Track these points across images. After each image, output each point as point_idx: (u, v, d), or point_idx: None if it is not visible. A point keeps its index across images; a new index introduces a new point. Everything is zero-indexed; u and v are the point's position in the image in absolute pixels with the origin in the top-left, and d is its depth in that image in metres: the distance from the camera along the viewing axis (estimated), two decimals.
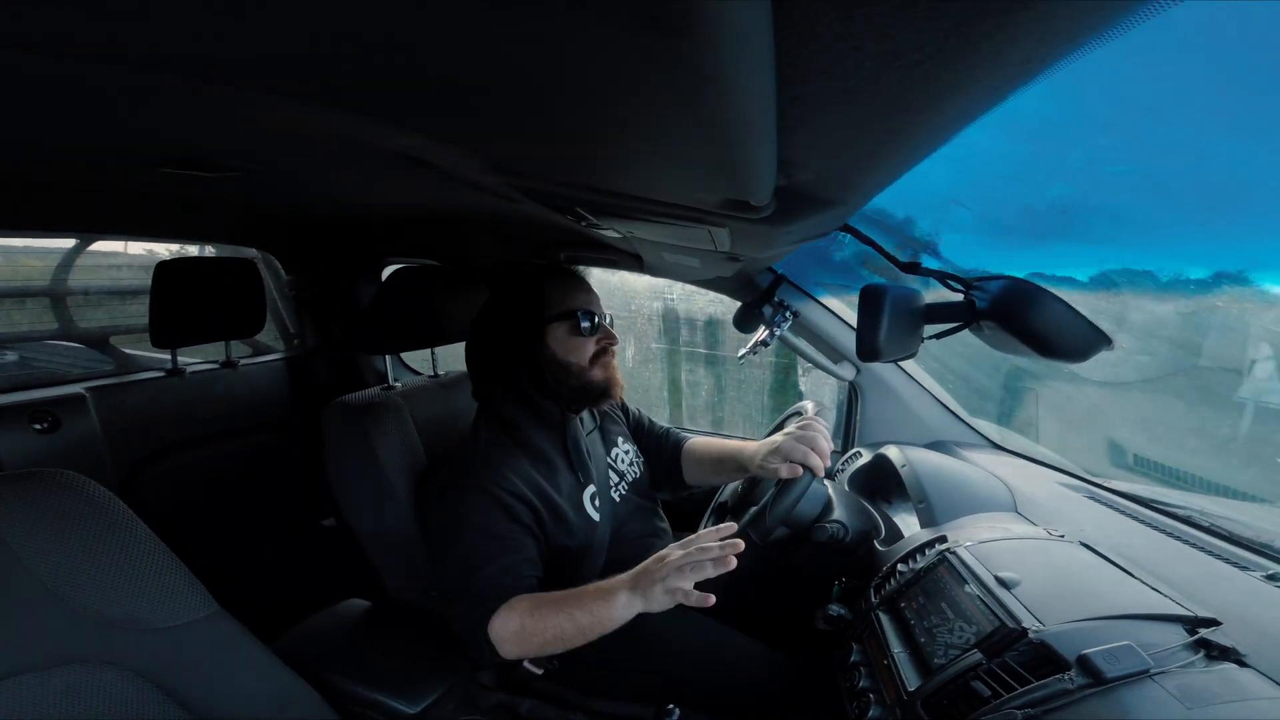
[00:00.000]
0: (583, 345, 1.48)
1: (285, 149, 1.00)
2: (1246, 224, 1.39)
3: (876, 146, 0.53)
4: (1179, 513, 1.33)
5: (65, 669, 0.90)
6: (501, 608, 1.28)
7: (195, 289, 2.08)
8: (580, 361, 1.48)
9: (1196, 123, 1.20)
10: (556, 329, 1.47)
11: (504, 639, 1.27)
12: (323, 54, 0.41)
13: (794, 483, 1.36)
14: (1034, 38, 0.34)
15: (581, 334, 1.47)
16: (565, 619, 1.24)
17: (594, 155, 0.64)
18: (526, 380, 1.46)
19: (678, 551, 1.18)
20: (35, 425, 1.80)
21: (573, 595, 1.28)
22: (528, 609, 1.27)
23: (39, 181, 1.31)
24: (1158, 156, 1.28)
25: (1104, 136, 1.28)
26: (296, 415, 2.64)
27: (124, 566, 0.97)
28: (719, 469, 1.72)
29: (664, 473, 1.80)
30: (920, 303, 1.18)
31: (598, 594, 1.25)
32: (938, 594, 1.11)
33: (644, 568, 1.23)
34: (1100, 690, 0.78)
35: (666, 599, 1.17)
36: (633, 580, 1.22)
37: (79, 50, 0.44)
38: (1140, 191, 1.36)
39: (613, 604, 1.22)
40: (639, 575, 1.22)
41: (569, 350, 1.48)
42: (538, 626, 1.26)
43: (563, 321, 1.47)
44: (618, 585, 1.24)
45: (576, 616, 1.24)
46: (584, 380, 1.49)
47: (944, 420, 1.92)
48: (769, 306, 1.82)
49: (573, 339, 1.47)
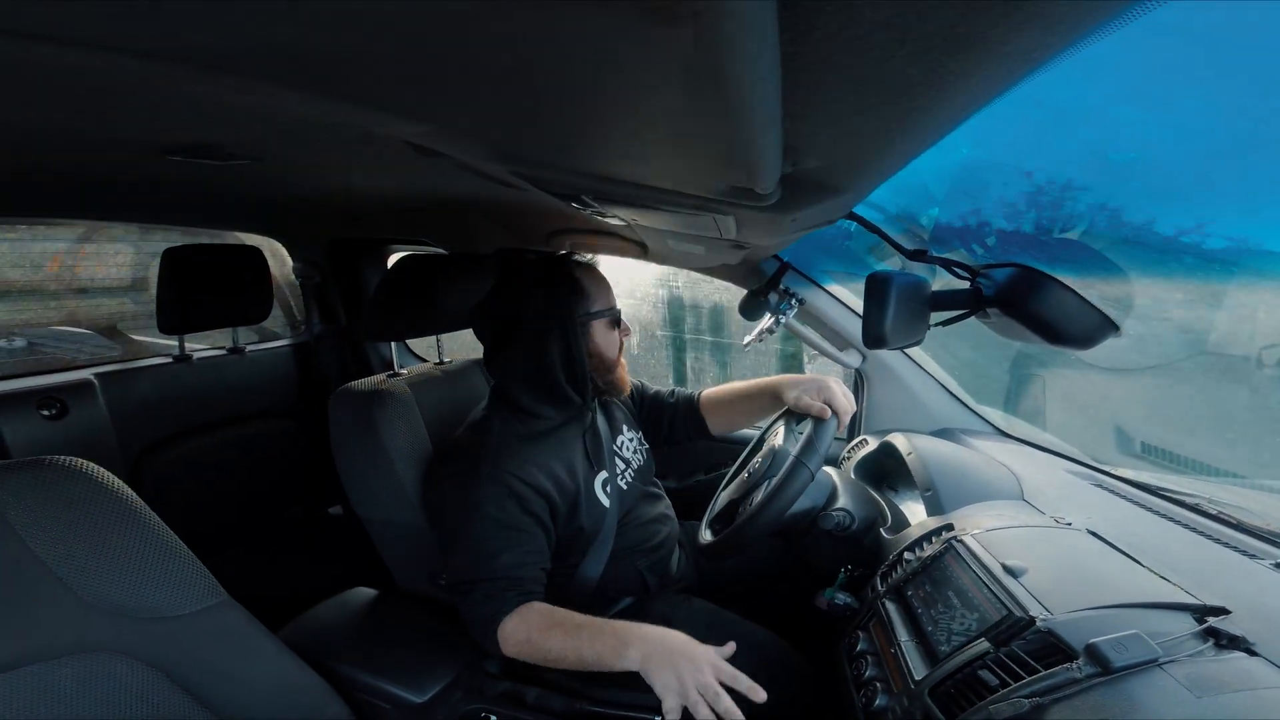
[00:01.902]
0: (615, 340, 1.54)
1: (292, 137, 0.99)
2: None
3: (882, 134, 0.52)
4: (1187, 501, 1.33)
5: (74, 658, 0.91)
6: (517, 610, 1.30)
7: (202, 275, 2.09)
8: (614, 356, 1.54)
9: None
10: (600, 323, 1.50)
11: (509, 640, 1.29)
12: (330, 43, 0.40)
13: (827, 423, 1.41)
14: (1041, 25, 0.33)
15: (616, 328, 1.54)
16: (572, 649, 1.24)
17: (599, 143, 0.64)
18: (560, 370, 1.46)
19: (710, 675, 1.12)
20: (43, 412, 1.80)
21: (588, 627, 1.26)
22: (540, 625, 1.28)
23: (47, 169, 1.31)
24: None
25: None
26: (303, 402, 2.64)
27: (133, 555, 0.97)
28: (750, 408, 1.76)
29: (684, 427, 1.82)
30: (927, 290, 1.17)
31: (613, 638, 1.22)
32: (944, 582, 1.11)
33: (668, 649, 1.17)
34: (1108, 679, 0.77)
35: (673, 699, 1.11)
36: (649, 654, 1.17)
37: (85, 40, 0.43)
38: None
39: (622, 658, 1.18)
40: (660, 654, 1.16)
41: (609, 345, 1.53)
42: (545, 644, 1.26)
43: (605, 316, 1.51)
44: (632, 641, 1.19)
45: (583, 651, 1.23)
46: (614, 375, 1.54)
47: (950, 407, 1.92)
48: (774, 294, 1.81)
49: (610, 334, 1.53)
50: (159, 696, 0.98)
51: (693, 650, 1.16)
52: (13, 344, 2.65)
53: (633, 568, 1.56)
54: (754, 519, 1.33)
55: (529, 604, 1.32)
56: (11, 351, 2.63)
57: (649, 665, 1.15)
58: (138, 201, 1.84)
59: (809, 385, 1.51)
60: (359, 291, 2.78)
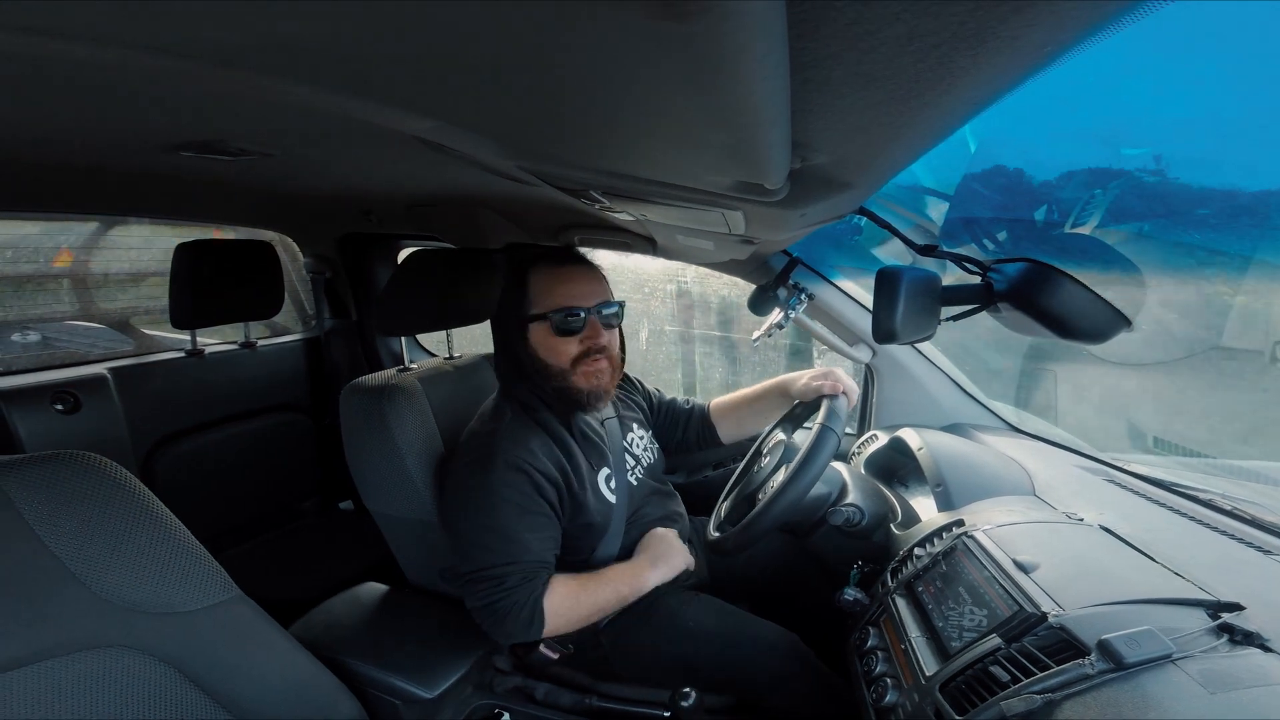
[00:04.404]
0: (562, 346, 1.45)
1: (302, 133, 0.99)
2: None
3: (891, 130, 0.52)
4: (1201, 496, 1.32)
5: (87, 654, 0.91)
6: (550, 586, 1.37)
7: (214, 271, 2.10)
8: (560, 364, 1.45)
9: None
10: (537, 328, 1.45)
11: (552, 613, 1.35)
12: (338, 39, 0.40)
13: (839, 397, 1.48)
14: (1052, 20, 0.33)
15: (563, 334, 1.44)
16: (613, 594, 1.42)
17: (607, 139, 0.64)
18: (529, 370, 1.46)
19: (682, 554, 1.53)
20: (57, 406, 1.82)
21: (607, 576, 1.45)
22: (573, 590, 1.40)
23: (61, 164, 1.31)
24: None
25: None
26: (314, 397, 2.66)
27: (146, 550, 0.97)
28: (757, 411, 1.78)
29: (696, 436, 1.84)
30: (937, 285, 1.17)
31: (630, 574, 1.46)
32: (955, 578, 1.10)
33: (663, 555, 1.51)
34: (1121, 675, 0.77)
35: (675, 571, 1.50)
36: (658, 568, 1.48)
37: (98, 36, 0.43)
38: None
39: (647, 582, 1.45)
40: (663, 562, 1.49)
41: (548, 351, 1.45)
42: (590, 600, 1.41)
43: (543, 321, 1.44)
44: (643, 569, 1.47)
45: (622, 590, 1.43)
46: (564, 384, 1.46)
47: (961, 403, 1.91)
48: (783, 289, 1.80)
49: (552, 339, 1.44)
50: (171, 692, 0.98)
51: (669, 542, 1.54)
52: (27, 338, 2.66)
53: None
54: (781, 495, 1.33)
55: (554, 577, 1.38)
56: (26, 346, 2.64)
57: (663, 573, 1.48)
58: (150, 197, 1.85)
59: (814, 374, 1.57)
60: (369, 287, 2.79)
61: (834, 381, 1.53)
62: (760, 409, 1.77)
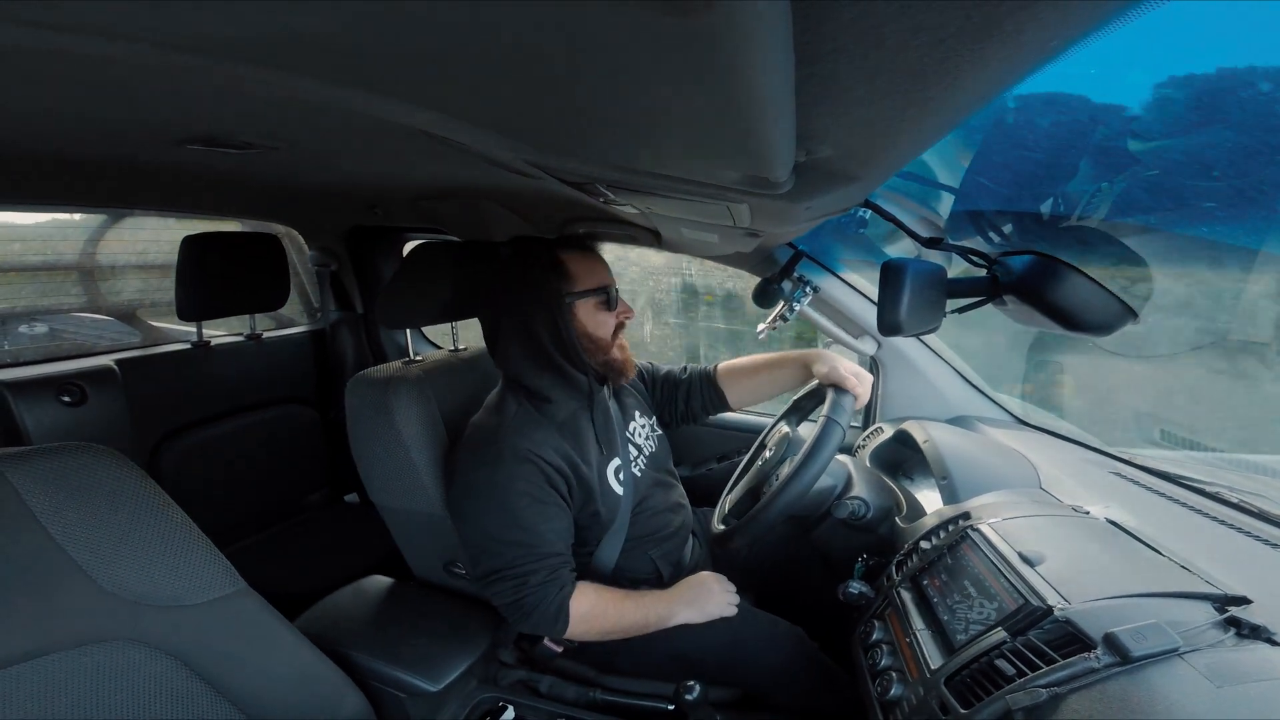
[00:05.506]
0: (607, 321, 1.50)
1: (308, 127, 0.99)
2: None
3: (896, 123, 0.52)
4: (1208, 489, 1.31)
5: (93, 647, 0.91)
6: (578, 588, 1.38)
7: (220, 263, 2.11)
8: (606, 337, 1.50)
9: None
10: (585, 303, 1.47)
11: (577, 617, 1.36)
12: (346, 33, 0.40)
13: (847, 393, 1.46)
14: (1059, 14, 0.32)
15: (607, 309, 1.49)
16: (638, 616, 1.43)
17: (613, 134, 0.64)
18: (556, 352, 1.44)
19: (723, 597, 1.49)
20: (63, 398, 1.82)
21: (634, 597, 1.45)
22: (598, 601, 1.41)
23: (67, 158, 1.31)
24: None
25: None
26: (320, 389, 2.66)
27: (152, 543, 0.97)
28: (776, 377, 1.76)
29: (701, 401, 1.82)
30: (942, 277, 1.16)
31: (659, 604, 1.45)
32: (960, 571, 1.10)
33: (698, 596, 1.48)
34: (1127, 669, 0.77)
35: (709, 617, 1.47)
36: (691, 607, 1.47)
37: (104, 29, 0.43)
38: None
39: (675, 617, 1.45)
40: (698, 603, 1.47)
41: (597, 325, 1.49)
42: (614, 613, 1.41)
43: (591, 296, 1.47)
44: (675, 604, 1.46)
45: (648, 615, 1.44)
46: (609, 357, 1.51)
47: (966, 395, 1.91)
48: (788, 282, 1.80)
49: (600, 314, 1.49)
50: (176, 685, 0.99)
51: (710, 587, 1.50)
52: (34, 329, 2.66)
53: (646, 557, 1.56)
54: (786, 488, 1.33)
55: (581, 581, 1.40)
56: (33, 337, 2.65)
57: (693, 614, 1.45)
58: (156, 191, 1.85)
59: (850, 368, 1.53)
60: (375, 279, 2.79)
61: (864, 388, 1.51)
62: (779, 378, 1.75)
